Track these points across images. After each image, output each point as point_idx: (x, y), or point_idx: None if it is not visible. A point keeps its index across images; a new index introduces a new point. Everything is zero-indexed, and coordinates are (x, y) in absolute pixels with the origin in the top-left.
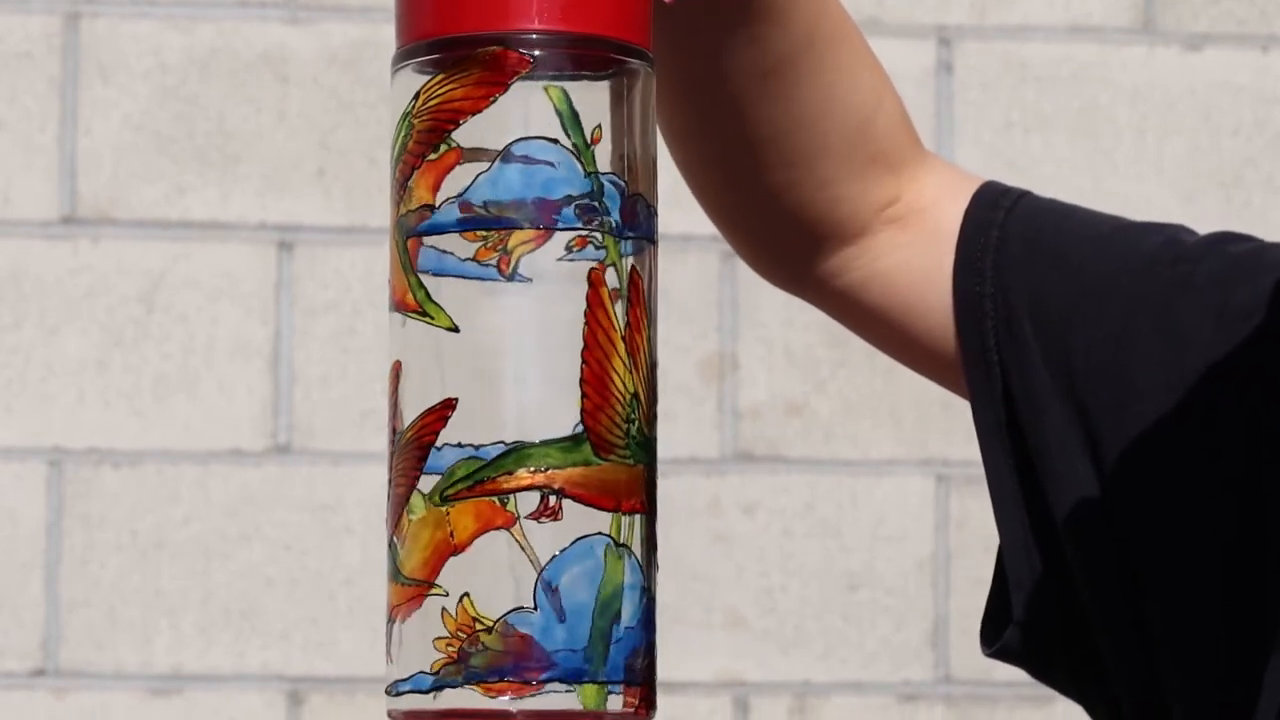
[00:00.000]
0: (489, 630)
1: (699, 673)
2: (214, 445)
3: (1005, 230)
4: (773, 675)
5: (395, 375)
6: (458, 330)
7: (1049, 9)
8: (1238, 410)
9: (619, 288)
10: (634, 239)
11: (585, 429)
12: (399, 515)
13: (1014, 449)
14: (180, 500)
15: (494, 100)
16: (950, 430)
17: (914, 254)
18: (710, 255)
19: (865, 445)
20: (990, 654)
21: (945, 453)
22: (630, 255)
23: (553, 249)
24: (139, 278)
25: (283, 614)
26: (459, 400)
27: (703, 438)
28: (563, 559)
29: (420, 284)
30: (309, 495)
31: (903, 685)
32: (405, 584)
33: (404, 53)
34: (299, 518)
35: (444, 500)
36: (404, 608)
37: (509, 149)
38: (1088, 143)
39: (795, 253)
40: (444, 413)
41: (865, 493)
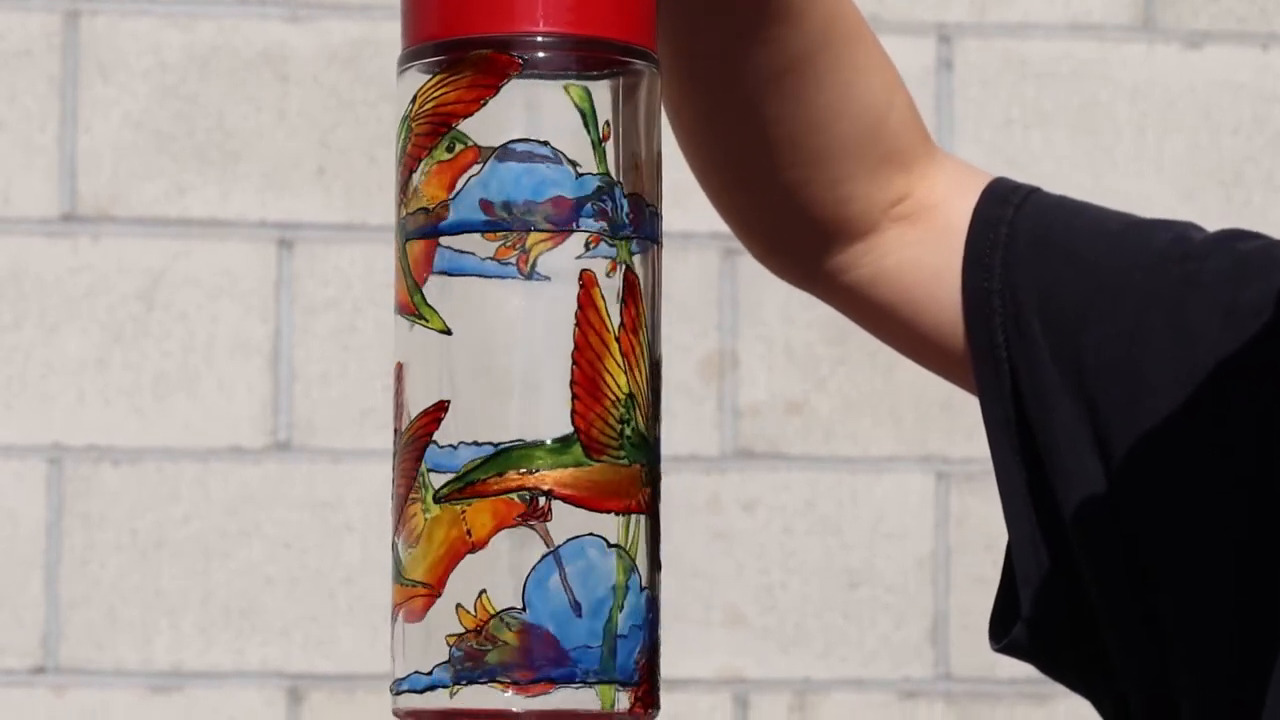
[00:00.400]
0: (507, 627)
1: (699, 670)
2: (214, 443)
3: (1014, 227)
4: (773, 672)
5: (397, 377)
6: (450, 333)
7: (1049, 6)
8: (1249, 407)
9: (621, 288)
10: (638, 239)
11: (576, 430)
12: (399, 515)
13: (1022, 445)
14: (180, 498)
15: (484, 103)
16: (950, 428)
17: (923, 250)
18: (710, 253)
19: (865, 443)
20: (999, 649)
21: (945, 450)
22: (637, 254)
23: (570, 248)
24: (139, 276)
25: (283, 612)
26: (455, 402)
27: (703, 435)
28: (553, 559)
29: (416, 286)
30: (309, 493)
31: (903, 682)
32: (413, 583)
33: (404, 55)
34: (299, 516)
35: (438, 501)
36: (414, 606)
37: (526, 148)
38: (1088, 140)
39: (805, 249)
40: (437, 414)
41: (865, 490)
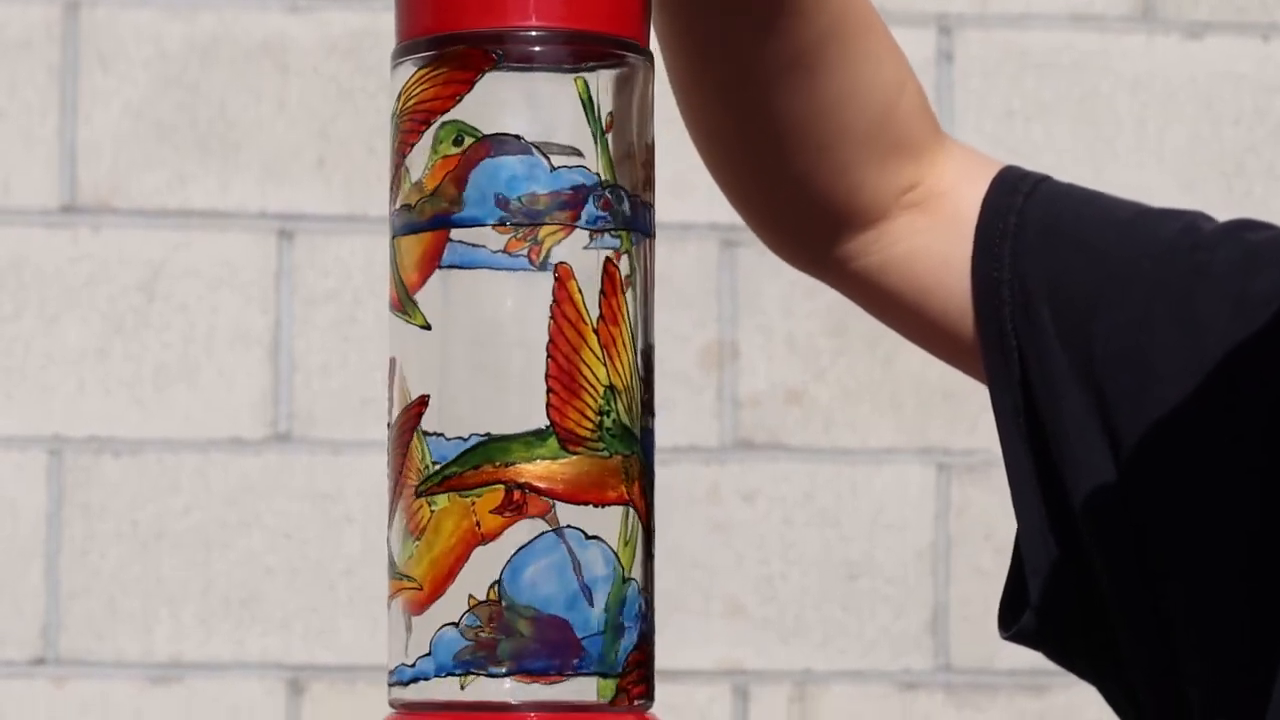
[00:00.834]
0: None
1: (698, 661)
2: (214, 434)
3: (1024, 216)
4: (772, 664)
5: (390, 371)
6: (429, 328)
7: None
8: (1259, 396)
9: (630, 275)
10: (637, 231)
11: (551, 423)
12: (393, 507)
13: (1031, 434)
14: (180, 489)
15: (459, 99)
16: (950, 419)
17: (933, 239)
18: (710, 243)
19: (865, 434)
20: (1007, 637)
21: (945, 441)
22: (634, 245)
23: (579, 238)
24: (139, 266)
25: (283, 603)
26: (437, 396)
27: (702, 426)
28: (527, 552)
29: (401, 281)
30: (309, 484)
31: (902, 674)
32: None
33: (395, 51)
34: (299, 506)
35: (419, 495)
36: (416, 598)
37: (529, 141)
38: (1088, 131)
39: (814, 236)
40: (419, 409)
41: (865, 481)
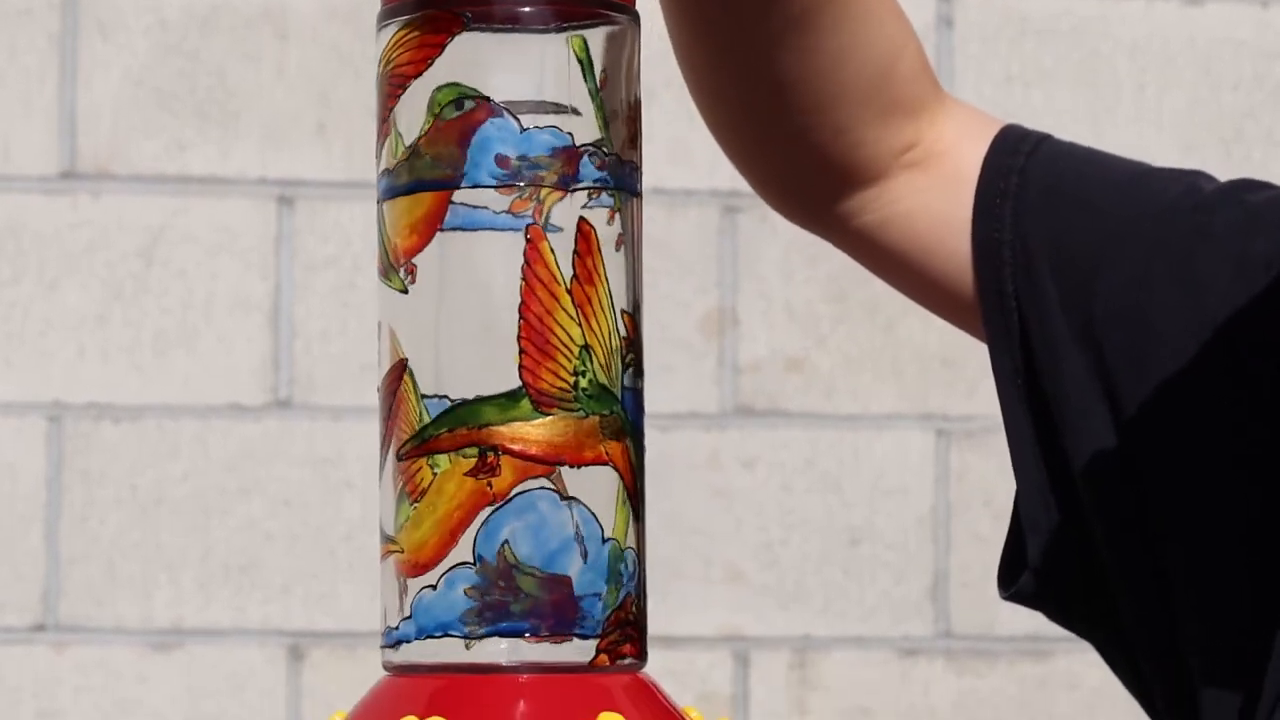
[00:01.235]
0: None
1: (699, 627)
2: (214, 400)
3: (1025, 176)
4: (773, 630)
5: (379, 336)
6: (406, 292)
7: None
8: (1259, 358)
9: (624, 233)
10: (626, 191)
11: (524, 384)
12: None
13: (1031, 395)
14: (180, 455)
15: (431, 62)
16: (950, 385)
17: (933, 198)
18: (710, 210)
19: (865, 400)
20: (1006, 597)
21: (946, 407)
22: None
23: (579, 197)
24: (139, 233)
25: (283, 569)
26: (416, 360)
27: (703, 392)
28: (503, 514)
29: (383, 246)
30: (309, 450)
31: (903, 640)
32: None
33: (379, 14)
34: (299, 473)
35: (400, 458)
36: (400, 561)
37: (529, 101)
38: (1088, 96)
39: (815, 194)
40: (399, 373)
41: (865, 447)
